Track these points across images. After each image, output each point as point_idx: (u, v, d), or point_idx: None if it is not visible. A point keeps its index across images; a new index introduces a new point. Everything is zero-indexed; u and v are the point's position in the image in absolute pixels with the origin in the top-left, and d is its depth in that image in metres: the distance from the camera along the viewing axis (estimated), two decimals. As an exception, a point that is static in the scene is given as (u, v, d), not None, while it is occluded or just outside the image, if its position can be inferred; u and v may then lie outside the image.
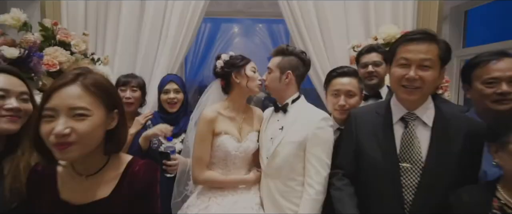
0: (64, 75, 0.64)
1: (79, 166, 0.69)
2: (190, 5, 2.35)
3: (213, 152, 1.18)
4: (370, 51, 1.52)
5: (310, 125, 1.07)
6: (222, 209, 1.12)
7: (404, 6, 2.31)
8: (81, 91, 0.62)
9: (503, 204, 0.78)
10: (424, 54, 0.92)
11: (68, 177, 0.70)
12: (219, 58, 1.25)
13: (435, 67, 0.94)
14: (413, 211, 0.93)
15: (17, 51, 1.51)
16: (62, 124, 0.58)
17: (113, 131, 0.68)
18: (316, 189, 1.05)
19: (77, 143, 0.60)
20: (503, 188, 0.80)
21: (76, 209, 0.67)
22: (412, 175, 0.96)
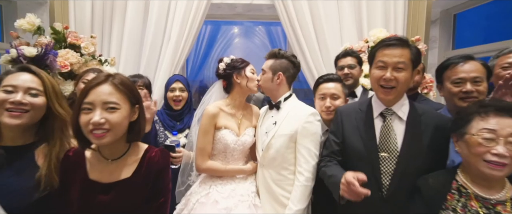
0: (97, 76, 0.80)
1: (106, 151, 0.85)
2: (192, 9, 2.51)
3: (214, 145, 1.34)
4: (345, 55, 1.71)
5: (300, 119, 1.23)
6: (222, 196, 1.28)
7: (395, 10, 2.48)
8: (112, 89, 0.78)
9: (460, 185, 0.93)
10: (398, 58, 1.08)
11: (96, 160, 0.86)
12: (221, 61, 1.41)
13: (408, 69, 1.10)
14: (389, 193, 1.09)
15: (35, 50, 1.68)
16: (98, 115, 0.74)
17: (134, 122, 0.84)
18: (306, 176, 1.21)
19: (110, 130, 0.76)
20: (462, 172, 0.96)
21: (104, 187, 0.83)
22: (389, 163, 1.11)
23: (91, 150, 0.87)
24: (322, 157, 1.25)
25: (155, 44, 2.53)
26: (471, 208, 0.88)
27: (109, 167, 0.85)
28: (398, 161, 1.10)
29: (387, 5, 2.46)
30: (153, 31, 2.51)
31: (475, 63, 1.16)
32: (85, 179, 0.83)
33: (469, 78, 1.14)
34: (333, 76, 1.43)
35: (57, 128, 0.93)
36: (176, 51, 2.51)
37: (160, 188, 0.88)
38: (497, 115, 0.87)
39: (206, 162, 1.31)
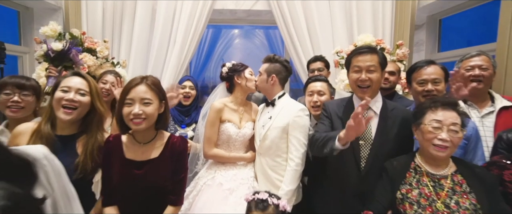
0: (135, 78, 1.08)
1: (139, 136, 1.12)
2: (196, 14, 2.80)
3: (219, 135, 1.61)
4: (315, 60, 2.03)
5: (291, 114, 1.50)
6: (225, 179, 1.55)
7: (383, 17, 2.76)
8: (146, 88, 1.06)
9: (416, 165, 1.21)
10: (369, 62, 1.35)
11: (130, 144, 1.13)
12: (224, 66, 1.69)
13: (378, 70, 1.37)
14: (364, 172, 1.35)
15: (61, 45, 1.98)
16: (137, 108, 1.02)
17: (161, 114, 1.11)
18: (296, 162, 1.49)
19: (145, 119, 1.04)
20: (418, 155, 1.23)
21: (137, 164, 1.10)
22: (365, 148, 1.39)
23: (128, 135, 1.14)
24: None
25: (162, 48, 2.81)
26: (422, 182, 1.15)
27: (141, 149, 1.13)
28: (371, 147, 1.38)
29: (376, 12, 2.74)
30: (160, 35, 2.79)
31: (435, 67, 1.44)
32: (122, 158, 1.11)
33: (430, 79, 1.42)
34: (320, 77, 1.72)
35: (95, 122, 1.19)
36: (181, 54, 2.79)
37: (180, 166, 1.16)
38: (443, 108, 1.14)
39: (212, 149, 1.58)
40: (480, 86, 1.52)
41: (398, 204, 1.16)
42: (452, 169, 1.14)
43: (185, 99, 1.90)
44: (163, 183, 1.12)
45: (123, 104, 1.05)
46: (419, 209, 1.09)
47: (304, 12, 2.74)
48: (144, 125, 1.06)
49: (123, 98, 1.06)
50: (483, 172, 1.12)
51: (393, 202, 1.18)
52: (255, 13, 3.05)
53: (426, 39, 3.07)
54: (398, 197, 1.16)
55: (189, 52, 2.83)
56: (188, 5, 2.77)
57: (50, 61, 2.03)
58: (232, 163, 1.63)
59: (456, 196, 1.07)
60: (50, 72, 1.97)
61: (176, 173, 1.15)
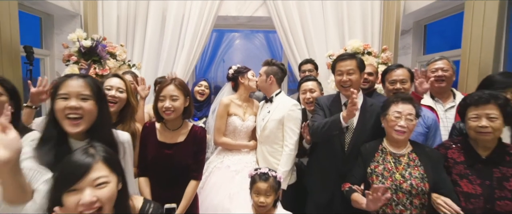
0: (166, 80, 1.46)
1: (169, 124, 1.51)
2: (202, 21, 3.19)
3: (226, 127, 2.00)
4: (306, 63, 2.43)
5: (286, 108, 1.89)
6: (232, 162, 1.94)
7: (372, 24, 3.16)
8: (174, 88, 1.44)
9: (383, 147, 1.59)
10: (349, 66, 1.74)
11: (162, 129, 1.52)
12: (231, 69, 2.08)
13: (357, 73, 1.75)
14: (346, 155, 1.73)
15: (90, 42, 2.39)
16: (168, 103, 1.41)
17: (186, 107, 1.50)
18: (290, 148, 1.87)
19: (174, 111, 1.42)
20: (385, 139, 1.61)
21: (167, 145, 1.49)
22: (348, 136, 1.77)
23: (161, 123, 1.53)
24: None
25: (171, 50, 3.21)
26: (386, 159, 1.53)
27: (170, 134, 1.52)
28: (353, 135, 1.76)
29: (365, 19, 3.14)
30: (170, 39, 3.19)
31: (403, 69, 1.84)
32: (156, 140, 1.49)
33: (399, 79, 1.81)
34: (311, 77, 2.11)
35: (129, 114, 1.58)
36: (189, 57, 3.19)
37: (200, 149, 1.56)
38: (402, 102, 1.52)
39: (221, 138, 1.97)
40: (442, 84, 1.91)
41: (368, 177, 1.54)
42: (409, 149, 1.53)
43: (200, 96, 2.31)
44: (187, 162, 1.51)
45: (158, 100, 1.44)
46: (382, 179, 1.48)
47: (300, 19, 3.14)
48: (173, 115, 1.45)
49: (157, 95, 1.45)
50: (431, 151, 1.51)
51: (365, 176, 1.56)
52: (255, 19, 3.44)
53: (413, 43, 3.47)
54: (368, 172, 1.55)
55: (196, 54, 3.23)
56: (195, 12, 3.16)
57: (81, 56, 2.46)
58: (237, 149, 2.02)
59: (410, 168, 1.46)
60: (82, 65, 2.39)
61: (197, 154, 1.54)
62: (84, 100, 1.01)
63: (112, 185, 0.89)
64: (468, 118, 1.40)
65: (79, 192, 0.84)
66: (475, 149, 1.41)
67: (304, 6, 3.11)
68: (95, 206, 0.84)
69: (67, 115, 0.98)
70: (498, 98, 1.34)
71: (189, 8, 3.19)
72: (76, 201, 0.83)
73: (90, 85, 1.02)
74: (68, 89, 1.00)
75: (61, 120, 0.99)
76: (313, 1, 3.13)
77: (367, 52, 2.72)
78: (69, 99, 0.98)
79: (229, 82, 2.15)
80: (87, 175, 0.85)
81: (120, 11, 3.22)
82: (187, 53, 3.18)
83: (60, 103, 0.98)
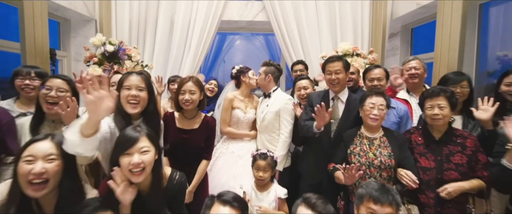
0: (185, 78, 1.88)
1: (187, 114, 1.93)
2: (207, 25, 3.61)
3: (230, 118, 2.41)
4: (297, 63, 2.85)
5: (281, 102, 2.31)
6: (236, 148, 2.35)
7: (362, 27, 3.58)
8: (192, 84, 1.86)
9: (361, 132, 1.99)
10: (336, 67, 2.15)
11: (180, 118, 1.94)
12: (234, 68, 2.49)
13: (343, 72, 2.16)
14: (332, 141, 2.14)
15: (113, 48, 2.81)
16: (187, 96, 1.83)
17: (201, 100, 1.92)
18: (285, 135, 2.28)
19: (192, 103, 1.84)
20: (363, 126, 2.02)
21: (185, 131, 1.91)
22: (334, 125, 2.18)
23: (180, 112, 1.94)
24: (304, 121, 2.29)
25: (179, 52, 3.63)
26: (363, 142, 1.94)
27: (187, 121, 1.93)
28: (338, 124, 2.17)
29: (356, 24, 3.56)
30: (178, 42, 3.61)
31: (380, 69, 2.26)
32: (175, 126, 1.91)
33: (376, 77, 2.23)
34: (304, 76, 2.52)
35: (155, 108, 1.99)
36: (195, 58, 3.61)
37: (211, 135, 1.99)
38: (376, 95, 1.93)
39: (226, 128, 2.39)
40: (415, 80, 2.32)
41: (348, 156, 1.95)
42: (381, 133, 1.94)
43: (210, 92, 2.75)
44: (200, 145, 1.93)
45: (179, 94, 1.86)
46: (359, 158, 1.89)
47: (297, 23, 3.56)
48: (190, 106, 1.86)
49: (178, 90, 1.87)
50: (398, 135, 1.93)
51: (346, 157, 1.97)
52: (256, 23, 3.87)
53: (400, 45, 3.89)
54: (348, 153, 1.95)
55: (202, 55, 3.65)
56: (201, 16, 3.59)
57: (105, 59, 2.87)
58: (240, 138, 2.43)
59: (380, 148, 1.87)
60: (105, 67, 2.82)
61: (208, 139, 1.97)
62: (141, 91, 1.45)
63: (152, 153, 1.30)
64: (425, 108, 1.81)
65: (130, 155, 1.25)
66: (431, 133, 1.82)
67: (300, 11, 3.54)
68: (141, 166, 1.25)
69: (129, 101, 1.45)
70: (446, 91, 1.75)
71: (195, 13, 3.62)
72: (128, 162, 1.23)
73: (144, 80, 1.49)
74: (130, 82, 1.46)
75: (124, 104, 1.43)
76: (308, 7, 3.55)
77: (356, 54, 3.13)
78: (131, 90, 1.41)
79: (232, 80, 2.57)
80: (136, 144, 1.26)
81: (132, 15, 3.64)
82: (194, 55, 3.60)
83: (124, 92, 1.44)
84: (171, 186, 1.39)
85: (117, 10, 3.64)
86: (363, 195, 1.35)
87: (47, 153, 1.17)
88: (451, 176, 1.69)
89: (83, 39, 3.77)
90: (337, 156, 2.02)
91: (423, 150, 1.83)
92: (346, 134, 2.05)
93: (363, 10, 3.58)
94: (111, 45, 3.10)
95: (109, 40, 3.17)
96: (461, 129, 1.89)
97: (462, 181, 1.68)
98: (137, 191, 1.28)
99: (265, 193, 1.90)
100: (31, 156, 1.15)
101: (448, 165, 1.72)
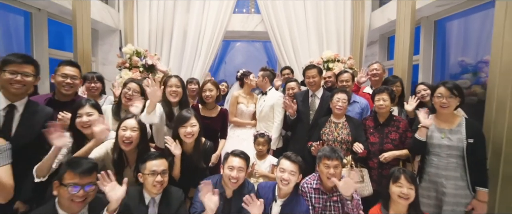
0: (205, 81, 2.87)
1: (208, 106, 2.94)
2: (214, 35, 4.61)
3: (236, 111, 3.40)
4: (285, 68, 3.90)
5: (275, 98, 3.31)
6: (241, 133, 3.34)
7: (344, 37, 4.58)
8: (211, 85, 2.88)
9: (330, 119, 2.98)
10: (313, 73, 3.16)
11: (203, 108, 2.96)
12: (238, 72, 3.48)
13: (318, 76, 3.17)
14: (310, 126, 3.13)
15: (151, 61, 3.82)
16: (208, 93, 2.85)
17: (218, 96, 2.93)
18: (277, 123, 3.29)
19: (212, 98, 2.85)
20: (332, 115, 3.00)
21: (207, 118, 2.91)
22: (312, 115, 3.18)
23: (203, 105, 2.93)
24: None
25: (191, 58, 4.64)
26: (331, 125, 2.93)
27: (208, 111, 2.95)
28: (314, 114, 3.17)
29: (339, 34, 4.57)
30: (190, 49, 4.62)
31: (348, 73, 3.27)
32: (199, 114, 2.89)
33: (344, 79, 3.23)
34: (292, 78, 3.53)
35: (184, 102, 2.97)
36: (204, 62, 4.61)
37: (225, 121, 3.01)
38: (340, 92, 2.92)
39: (233, 118, 3.38)
40: (376, 78, 3.32)
41: (321, 136, 2.93)
42: (344, 119, 2.93)
43: (223, 91, 3.72)
44: (217, 128, 2.93)
45: (202, 91, 2.85)
46: (328, 136, 2.87)
47: (290, 34, 4.58)
48: (210, 100, 2.87)
49: (201, 89, 2.86)
50: (356, 120, 2.93)
51: (319, 136, 2.95)
52: (256, 33, 4.88)
53: (379, 51, 4.89)
54: (321, 133, 2.94)
55: (210, 61, 4.66)
56: (209, 27, 4.60)
57: (145, 69, 3.85)
58: (243, 126, 3.42)
59: (342, 129, 2.85)
60: (143, 75, 3.78)
61: (223, 124, 2.99)
62: (178, 88, 2.46)
63: (197, 127, 2.30)
64: (374, 100, 2.80)
65: (185, 127, 2.25)
66: (378, 118, 2.80)
67: (292, 24, 4.55)
68: (192, 134, 2.25)
69: (171, 94, 2.51)
70: (388, 89, 2.75)
71: (204, 25, 4.63)
72: (184, 131, 2.23)
73: (181, 81, 2.45)
74: (171, 82, 2.48)
75: (168, 96, 2.49)
76: (299, 20, 4.56)
77: (337, 60, 4.12)
78: (172, 87, 2.44)
79: (237, 82, 3.55)
80: (189, 121, 2.25)
81: (151, 27, 4.65)
82: (203, 59, 4.60)
83: (168, 89, 2.47)
84: (204, 149, 2.39)
85: (138, 22, 4.65)
86: (321, 155, 2.32)
87: (132, 126, 2.16)
88: (388, 147, 2.68)
89: (108, 47, 4.79)
90: (313, 136, 3.00)
91: (372, 130, 2.82)
92: (320, 120, 3.04)
93: (346, 22, 4.59)
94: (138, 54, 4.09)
95: (136, 49, 4.16)
96: (398, 115, 2.87)
97: (395, 151, 2.66)
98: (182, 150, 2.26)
99: (263, 161, 2.89)
100: (124, 126, 2.13)
101: (386, 140, 2.71)
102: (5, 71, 1.84)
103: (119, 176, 1.95)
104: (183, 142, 2.28)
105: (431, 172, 2.35)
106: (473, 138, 2.22)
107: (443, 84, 2.31)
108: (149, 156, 2.02)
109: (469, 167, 2.22)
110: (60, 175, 1.65)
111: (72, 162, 1.71)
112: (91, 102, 2.20)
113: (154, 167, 1.95)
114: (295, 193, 2.26)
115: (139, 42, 4.63)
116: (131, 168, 2.19)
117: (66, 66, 2.34)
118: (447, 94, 2.27)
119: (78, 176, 1.63)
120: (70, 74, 2.31)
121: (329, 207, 2.31)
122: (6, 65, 1.85)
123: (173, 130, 2.30)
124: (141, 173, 1.97)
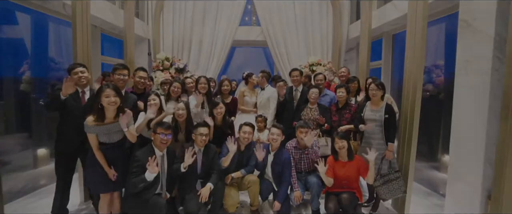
0: (222, 79, 4.86)
1: (223, 96, 4.93)
2: (225, 43, 6.63)
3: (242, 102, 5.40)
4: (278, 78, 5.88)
5: (270, 92, 5.30)
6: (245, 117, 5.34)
7: (327, 44, 6.59)
8: (227, 81, 4.85)
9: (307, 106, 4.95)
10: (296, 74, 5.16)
11: (221, 98, 4.93)
12: (244, 73, 5.49)
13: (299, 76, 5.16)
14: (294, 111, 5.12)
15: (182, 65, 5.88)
16: (225, 87, 4.82)
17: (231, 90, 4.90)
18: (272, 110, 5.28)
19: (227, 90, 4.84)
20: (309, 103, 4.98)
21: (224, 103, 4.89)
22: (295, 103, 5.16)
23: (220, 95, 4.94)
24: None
25: (205, 62, 6.66)
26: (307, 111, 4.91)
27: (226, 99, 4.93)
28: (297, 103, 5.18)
29: (323, 42, 6.57)
30: (205, 55, 6.64)
31: (321, 74, 5.26)
32: (218, 102, 4.89)
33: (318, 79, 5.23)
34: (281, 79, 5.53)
35: None
36: (217, 65, 6.64)
37: (235, 105, 5.04)
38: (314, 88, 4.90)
39: (240, 106, 5.39)
40: (343, 79, 5.31)
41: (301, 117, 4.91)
42: (316, 105, 4.91)
43: (233, 87, 5.73)
44: (231, 109, 4.96)
45: (221, 86, 4.84)
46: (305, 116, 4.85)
47: (284, 43, 6.59)
48: (226, 92, 4.88)
49: (220, 85, 4.86)
50: (324, 107, 4.92)
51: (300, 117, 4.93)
52: (257, 42, 6.91)
53: (356, 56, 6.88)
54: (300, 115, 4.92)
55: (221, 63, 6.68)
56: (221, 37, 6.64)
57: (176, 71, 5.85)
58: (247, 112, 5.42)
59: (314, 112, 4.84)
60: (175, 76, 5.77)
61: (234, 107, 5.02)
62: (205, 84, 4.54)
63: (224, 109, 4.33)
64: (336, 92, 4.77)
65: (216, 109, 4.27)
66: (338, 104, 4.78)
67: (286, 35, 6.59)
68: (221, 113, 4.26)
69: (200, 89, 4.50)
70: (344, 85, 4.74)
71: (216, 36, 6.66)
72: (216, 111, 4.26)
73: (208, 81, 4.49)
74: (201, 80, 4.50)
75: (200, 89, 4.49)
76: (291, 32, 6.58)
77: (319, 63, 6.10)
78: (201, 84, 4.47)
79: (243, 80, 5.56)
80: (219, 104, 4.28)
81: (174, 37, 6.69)
82: (216, 63, 6.64)
83: (199, 85, 4.47)
84: (228, 122, 4.41)
85: (164, 32, 6.67)
86: (297, 127, 4.30)
87: (183, 107, 4.16)
88: (344, 123, 4.66)
89: (139, 53, 6.81)
90: (295, 118, 4.98)
91: (335, 113, 4.79)
92: (300, 107, 5.03)
93: (328, 34, 6.61)
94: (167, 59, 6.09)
95: (166, 56, 6.17)
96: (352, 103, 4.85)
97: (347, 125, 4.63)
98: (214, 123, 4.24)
99: (262, 133, 4.88)
100: (177, 108, 4.14)
101: (343, 119, 4.69)
102: (114, 74, 3.84)
103: (175, 138, 3.96)
104: (215, 117, 4.26)
105: (365, 135, 4.33)
106: (388, 114, 4.20)
107: (373, 82, 4.30)
108: (198, 124, 4.01)
109: (385, 131, 4.20)
110: (154, 129, 3.64)
111: (160, 123, 3.70)
112: (155, 92, 4.21)
113: (201, 130, 3.93)
114: (281, 148, 4.24)
115: (165, 49, 6.65)
116: (182, 133, 4.18)
117: (140, 72, 4.34)
118: (375, 88, 4.25)
119: (164, 129, 3.61)
120: (143, 76, 4.31)
121: (303, 158, 4.30)
122: (115, 70, 3.86)
123: (210, 110, 4.30)
124: (194, 134, 3.95)
